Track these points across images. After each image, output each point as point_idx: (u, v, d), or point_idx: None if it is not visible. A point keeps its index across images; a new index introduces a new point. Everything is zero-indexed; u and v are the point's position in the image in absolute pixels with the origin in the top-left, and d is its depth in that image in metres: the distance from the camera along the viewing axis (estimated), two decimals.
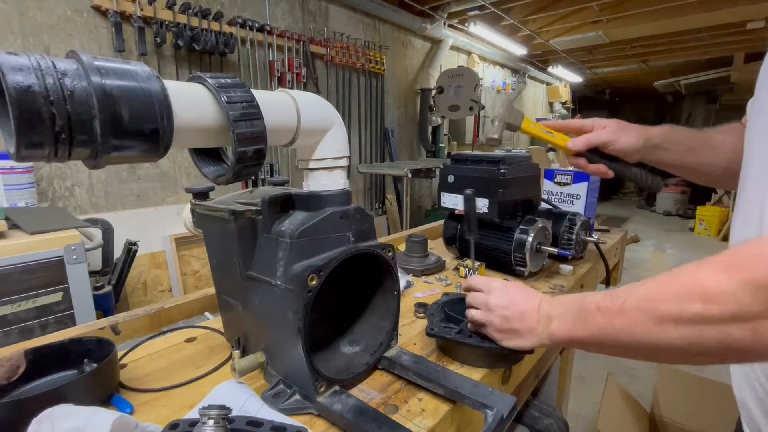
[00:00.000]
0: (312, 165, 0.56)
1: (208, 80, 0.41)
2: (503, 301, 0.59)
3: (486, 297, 0.62)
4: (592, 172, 0.83)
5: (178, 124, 0.37)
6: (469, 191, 0.94)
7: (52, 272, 1.35)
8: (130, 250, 1.74)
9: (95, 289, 1.62)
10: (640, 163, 0.80)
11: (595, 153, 0.81)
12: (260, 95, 0.45)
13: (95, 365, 0.60)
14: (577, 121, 0.83)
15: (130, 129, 0.34)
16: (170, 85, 0.38)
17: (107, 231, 1.71)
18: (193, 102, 0.39)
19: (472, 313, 0.63)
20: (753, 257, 0.33)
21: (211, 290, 0.91)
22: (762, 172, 0.48)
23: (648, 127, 0.78)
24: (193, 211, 0.70)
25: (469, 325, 0.66)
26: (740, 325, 0.33)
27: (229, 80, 0.42)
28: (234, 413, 0.52)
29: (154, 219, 2.30)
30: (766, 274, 0.32)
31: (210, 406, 0.43)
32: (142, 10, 2.12)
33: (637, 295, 0.41)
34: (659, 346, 0.39)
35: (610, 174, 0.82)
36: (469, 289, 0.67)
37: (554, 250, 1.02)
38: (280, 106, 0.48)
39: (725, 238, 5.19)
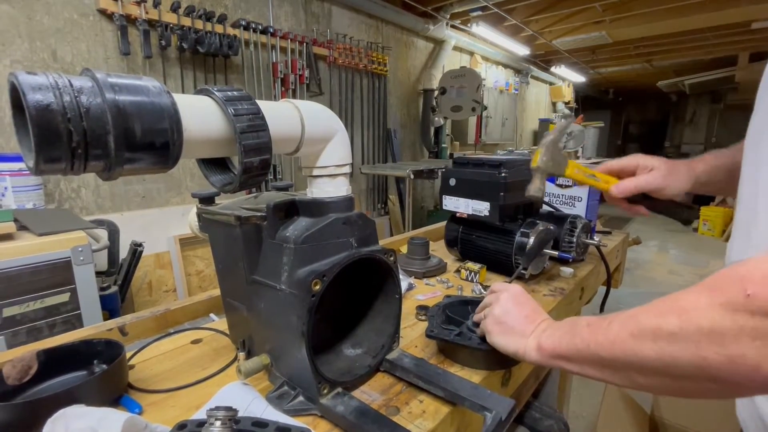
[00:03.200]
0: (315, 172, 0.57)
1: (216, 93, 0.42)
2: (514, 299, 0.62)
3: (502, 292, 0.64)
4: (632, 213, 0.80)
5: (187, 137, 0.39)
6: (543, 229, 0.92)
7: (59, 273, 1.37)
8: (136, 251, 1.76)
9: (101, 289, 1.64)
10: None
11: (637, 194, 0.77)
12: (266, 106, 0.46)
13: (105, 366, 0.61)
14: (621, 162, 0.78)
15: (142, 143, 0.35)
16: (179, 99, 0.39)
17: (113, 232, 1.74)
18: (201, 115, 0.41)
19: (484, 310, 0.64)
20: (733, 279, 0.33)
21: (216, 292, 0.93)
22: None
23: (694, 162, 0.74)
24: (199, 215, 0.72)
25: (474, 317, 0.67)
26: (716, 348, 0.33)
27: (235, 93, 0.43)
28: (240, 414, 0.53)
29: (159, 220, 2.32)
30: (741, 296, 0.32)
31: (217, 408, 0.44)
32: (147, 13, 2.15)
33: (625, 314, 0.42)
34: (635, 363, 0.40)
35: (647, 214, 0.80)
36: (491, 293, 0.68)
37: (555, 252, 1.03)
38: (285, 116, 0.49)
39: (729, 239, 5.16)
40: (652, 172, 0.73)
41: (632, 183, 0.74)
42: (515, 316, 0.59)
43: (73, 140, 0.31)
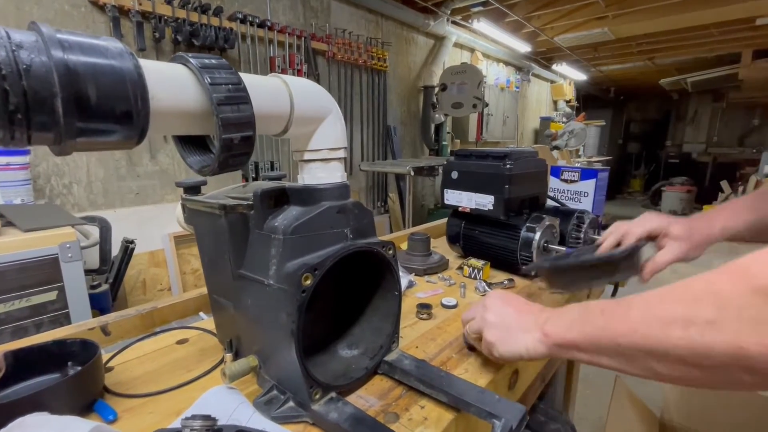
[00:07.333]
0: (307, 156, 0.52)
1: (191, 60, 0.37)
2: (502, 300, 0.58)
3: (485, 299, 0.60)
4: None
5: (155, 107, 0.34)
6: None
7: (46, 270, 1.32)
8: (127, 249, 1.72)
9: (92, 287, 1.59)
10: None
11: None
12: (249, 79, 0.41)
13: (79, 368, 0.56)
14: (645, 228, 0.80)
15: (98, 110, 0.30)
16: (147, 64, 0.34)
17: (104, 229, 1.69)
18: (172, 83, 0.36)
19: (470, 324, 0.61)
20: None
21: (206, 289, 0.88)
22: None
23: (713, 221, 0.73)
24: (183, 206, 0.67)
25: (465, 333, 0.64)
26: (757, 338, 0.31)
27: (213, 61, 0.38)
28: (223, 421, 0.48)
29: (153, 217, 2.27)
30: None
31: (193, 416, 0.40)
32: (140, 4, 2.10)
33: (647, 298, 0.39)
34: (659, 351, 0.37)
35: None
36: (467, 320, 0.64)
37: (562, 248, 0.98)
38: (272, 91, 0.44)
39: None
40: (678, 243, 0.75)
41: (665, 260, 0.76)
42: (510, 314, 0.55)
43: (9, 102, 0.26)
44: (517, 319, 0.54)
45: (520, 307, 0.56)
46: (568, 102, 8.09)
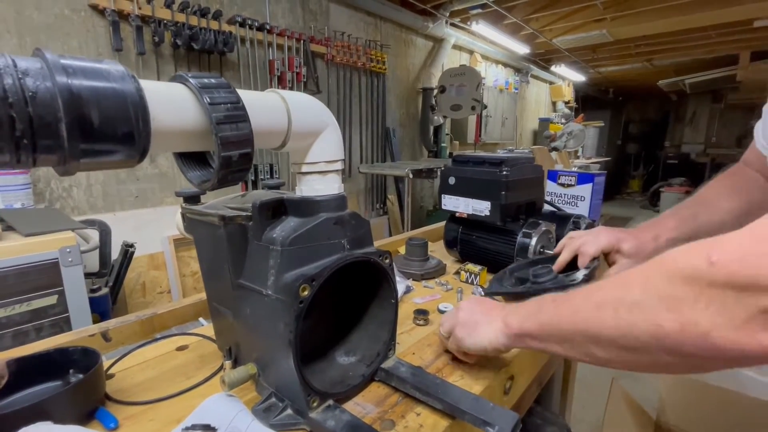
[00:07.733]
0: (305, 169, 0.53)
1: (190, 80, 0.38)
2: (474, 301, 0.63)
3: (459, 306, 0.64)
4: None
5: (155, 127, 0.35)
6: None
7: (46, 275, 1.33)
8: (127, 252, 1.72)
9: (92, 291, 1.60)
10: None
11: None
12: (247, 96, 0.42)
13: (81, 376, 0.57)
14: (599, 246, 0.79)
15: (101, 133, 0.31)
16: (148, 86, 0.35)
17: (104, 232, 1.70)
18: (172, 103, 0.37)
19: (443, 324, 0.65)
20: (699, 248, 0.33)
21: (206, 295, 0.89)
22: None
23: (659, 231, 0.74)
24: (183, 215, 0.68)
25: (441, 332, 0.67)
26: (671, 315, 0.33)
27: (213, 80, 0.39)
28: (222, 429, 0.49)
29: (153, 220, 2.28)
30: (705, 263, 0.31)
31: (194, 426, 0.41)
32: (140, 8, 2.10)
33: (590, 287, 0.43)
34: (594, 333, 0.39)
35: None
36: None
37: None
38: (269, 107, 0.45)
39: None
40: (628, 261, 0.75)
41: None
42: (480, 312, 0.59)
43: (16, 129, 0.27)
44: (484, 316, 0.58)
45: (491, 306, 0.60)
46: (566, 103, 8.11)
